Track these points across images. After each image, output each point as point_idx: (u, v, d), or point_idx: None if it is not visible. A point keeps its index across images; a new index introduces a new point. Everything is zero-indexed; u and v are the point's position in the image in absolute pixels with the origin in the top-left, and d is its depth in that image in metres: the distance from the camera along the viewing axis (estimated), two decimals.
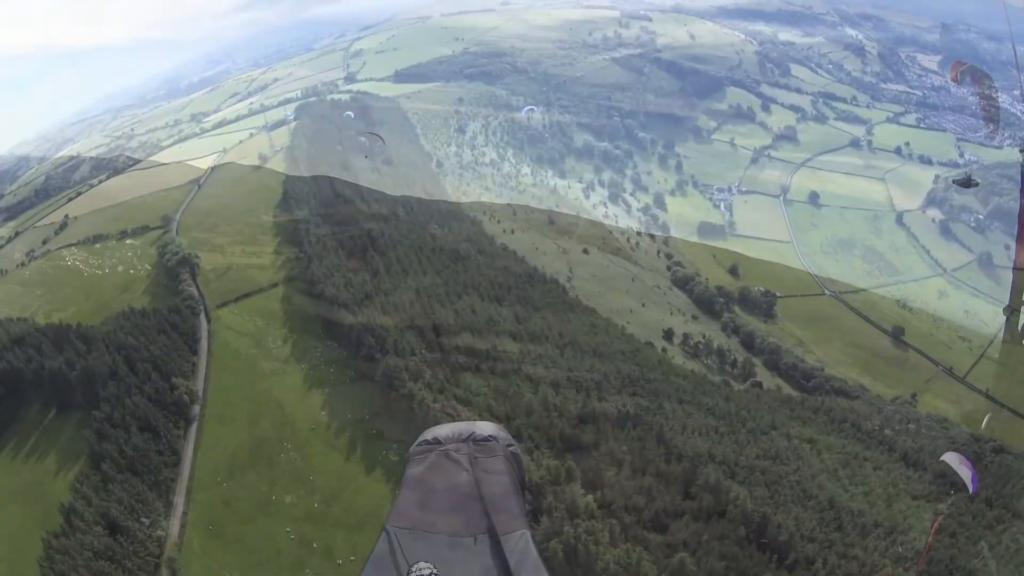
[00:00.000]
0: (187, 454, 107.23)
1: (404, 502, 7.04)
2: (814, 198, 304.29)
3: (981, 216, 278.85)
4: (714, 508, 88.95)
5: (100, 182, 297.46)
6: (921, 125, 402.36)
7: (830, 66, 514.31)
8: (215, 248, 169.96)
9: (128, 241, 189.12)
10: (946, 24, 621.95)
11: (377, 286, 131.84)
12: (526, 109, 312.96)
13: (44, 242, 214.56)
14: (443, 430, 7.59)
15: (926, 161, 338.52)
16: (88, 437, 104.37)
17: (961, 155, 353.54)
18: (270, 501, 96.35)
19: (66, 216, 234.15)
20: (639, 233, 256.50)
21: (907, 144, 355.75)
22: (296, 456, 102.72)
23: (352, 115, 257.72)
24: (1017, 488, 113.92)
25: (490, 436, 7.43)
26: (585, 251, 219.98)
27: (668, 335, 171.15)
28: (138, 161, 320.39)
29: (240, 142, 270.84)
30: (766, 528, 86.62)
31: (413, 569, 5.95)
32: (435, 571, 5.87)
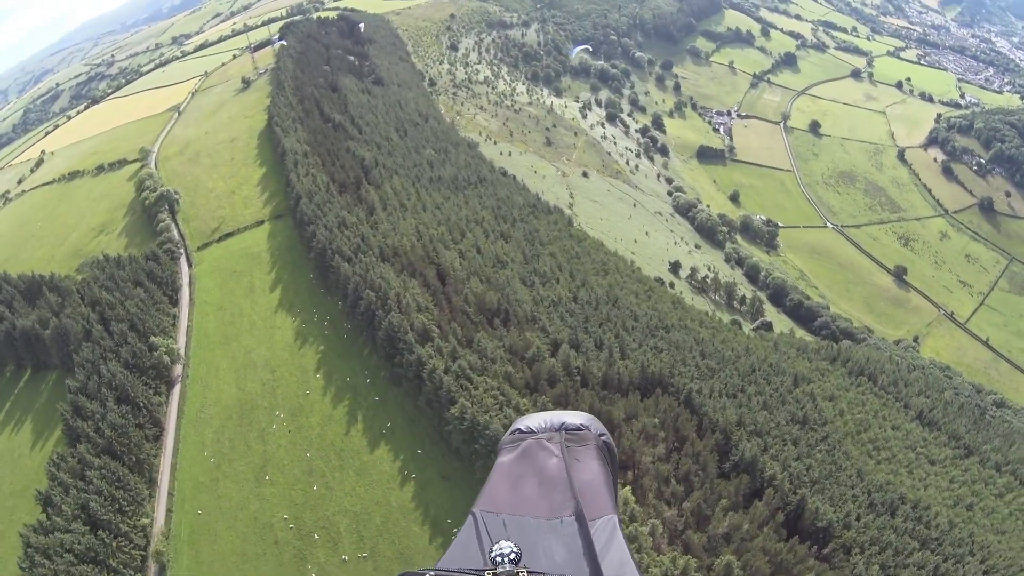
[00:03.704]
0: (170, 424, 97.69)
1: (492, 487, 6.94)
2: (815, 127, 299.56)
3: (983, 160, 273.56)
4: (751, 488, 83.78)
5: (78, 113, 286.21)
6: (922, 62, 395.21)
7: None
8: (195, 181, 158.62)
9: (104, 176, 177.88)
10: None
11: (374, 226, 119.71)
12: (578, 48, 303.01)
13: (19, 181, 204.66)
14: (535, 420, 7.45)
15: (927, 99, 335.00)
16: (63, 411, 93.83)
17: (962, 96, 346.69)
18: (263, 481, 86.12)
19: (43, 152, 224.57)
20: (638, 155, 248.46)
21: (908, 80, 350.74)
22: (290, 427, 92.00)
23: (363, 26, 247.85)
24: (1022, 451, 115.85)
25: (582, 426, 7.29)
26: (585, 174, 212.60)
27: (675, 268, 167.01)
28: (117, 88, 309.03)
29: (222, 64, 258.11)
30: (803, 511, 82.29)
31: (495, 548, 5.80)
32: (516, 550, 5.78)
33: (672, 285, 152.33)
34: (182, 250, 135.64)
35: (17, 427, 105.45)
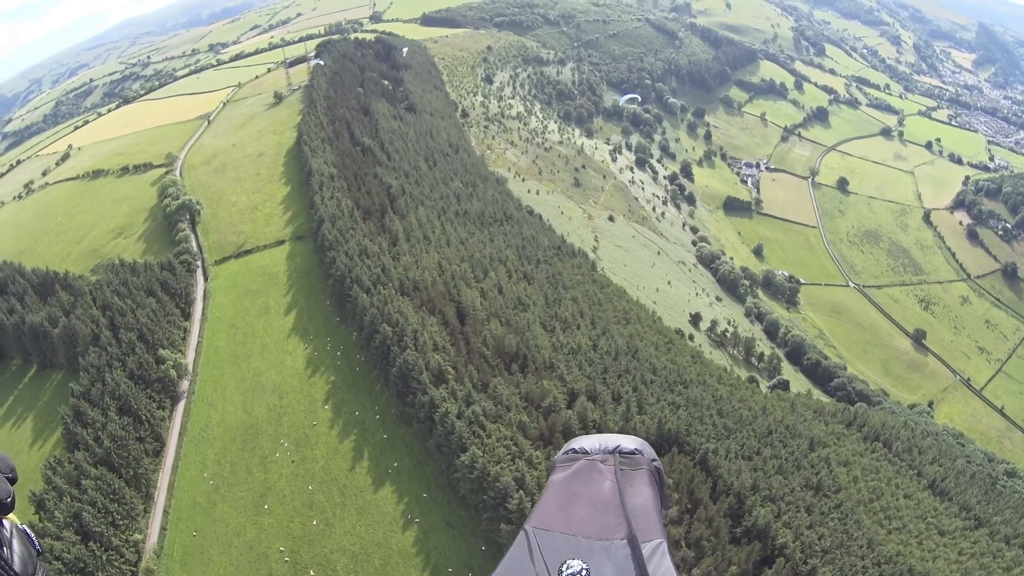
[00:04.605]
0: (172, 440, 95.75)
1: (545, 504, 7.00)
2: (843, 184, 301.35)
3: (1009, 225, 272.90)
4: (761, 556, 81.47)
5: (109, 111, 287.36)
6: (953, 122, 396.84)
7: (864, 51, 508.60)
8: (219, 193, 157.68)
9: (128, 178, 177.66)
10: (983, 24, 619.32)
11: (396, 257, 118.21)
12: (626, 97, 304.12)
13: (44, 173, 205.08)
14: (589, 441, 7.48)
15: (956, 160, 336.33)
16: (64, 415, 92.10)
17: (991, 158, 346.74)
18: (262, 510, 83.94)
19: (69, 146, 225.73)
20: (665, 202, 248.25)
21: (938, 140, 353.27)
22: (294, 458, 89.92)
23: (406, 51, 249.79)
24: None
25: (636, 450, 7.34)
26: (611, 218, 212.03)
27: (695, 320, 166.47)
28: (150, 90, 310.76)
29: (256, 77, 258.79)
30: None
31: (564, 568, 5.99)
32: (586, 568, 5.96)
33: (692, 337, 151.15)
34: (199, 263, 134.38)
35: (18, 423, 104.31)
